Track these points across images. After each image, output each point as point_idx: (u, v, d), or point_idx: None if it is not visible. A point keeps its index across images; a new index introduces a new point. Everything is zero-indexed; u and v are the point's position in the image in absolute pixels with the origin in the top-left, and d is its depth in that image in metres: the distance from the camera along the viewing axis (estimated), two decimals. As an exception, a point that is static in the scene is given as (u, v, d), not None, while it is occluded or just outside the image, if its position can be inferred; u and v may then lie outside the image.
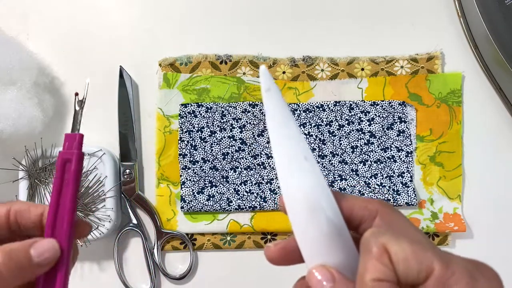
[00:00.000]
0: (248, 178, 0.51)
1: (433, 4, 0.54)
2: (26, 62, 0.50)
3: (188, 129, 0.52)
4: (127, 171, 0.52)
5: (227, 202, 0.51)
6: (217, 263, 0.52)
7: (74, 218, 0.29)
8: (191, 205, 0.51)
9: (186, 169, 0.52)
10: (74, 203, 0.29)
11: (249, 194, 0.51)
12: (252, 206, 0.51)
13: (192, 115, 0.52)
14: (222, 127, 0.52)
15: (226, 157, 0.52)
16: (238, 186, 0.51)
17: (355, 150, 0.52)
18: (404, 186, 0.51)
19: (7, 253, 0.27)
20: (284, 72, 0.53)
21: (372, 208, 0.25)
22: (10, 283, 0.26)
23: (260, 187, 0.51)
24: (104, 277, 0.53)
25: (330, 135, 0.52)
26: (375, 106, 0.52)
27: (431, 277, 0.21)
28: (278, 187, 0.51)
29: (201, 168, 0.52)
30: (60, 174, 0.29)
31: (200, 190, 0.51)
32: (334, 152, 0.52)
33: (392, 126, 0.52)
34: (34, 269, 0.27)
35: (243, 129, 0.52)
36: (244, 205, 0.51)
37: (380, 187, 0.51)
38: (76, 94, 0.32)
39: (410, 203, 0.50)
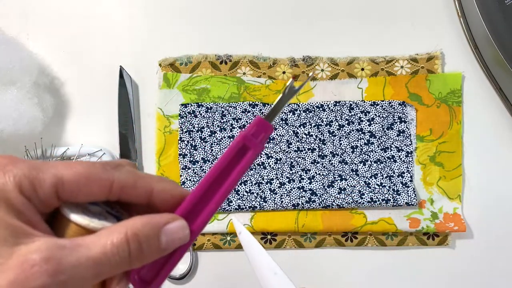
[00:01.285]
0: (248, 178, 0.51)
1: (433, 4, 0.54)
2: (26, 62, 0.50)
3: (188, 129, 0.52)
4: (127, 171, 0.51)
5: (227, 202, 0.51)
6: (217, 263, 0.52)
7: (217, 208, 0.25)
8: (191, 205, 0.51)
9: (186, 169, 0.52)
10: (228, 192, 0.25)
11: (249, 194, 0.51)
12: (252, 206, 0.51)
13: (192, 115, 0.52)
14: (222, 127, 0.52)
15: (226, 157, 0.52)
16: (238, 186, 0.51)
17: (355, 150, 0.52)
18: (404, 186, 0.51)
19: (137, 237, 0.22)
20: (284, 72, 0.53)
21: None
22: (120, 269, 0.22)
23: (260, 187, 0.51)
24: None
25: (330, 135, 0.52)
26: (375, 106, 0.52)
27: None
28: (278, 187, 0.51)
29: (201, 168, 0.52)
30: (230, 155, 0.25)
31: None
32: (334, 152, 0.52)
33: (392, 126, 0.52)
34: (153, 255, 0.23)
35: (243, 129, 0.52)
36: (244, 205, 0.51)
37: (380, 187, 0.51)
38: (294, 77, 0.27)
39: (410, 203, 0.50)
